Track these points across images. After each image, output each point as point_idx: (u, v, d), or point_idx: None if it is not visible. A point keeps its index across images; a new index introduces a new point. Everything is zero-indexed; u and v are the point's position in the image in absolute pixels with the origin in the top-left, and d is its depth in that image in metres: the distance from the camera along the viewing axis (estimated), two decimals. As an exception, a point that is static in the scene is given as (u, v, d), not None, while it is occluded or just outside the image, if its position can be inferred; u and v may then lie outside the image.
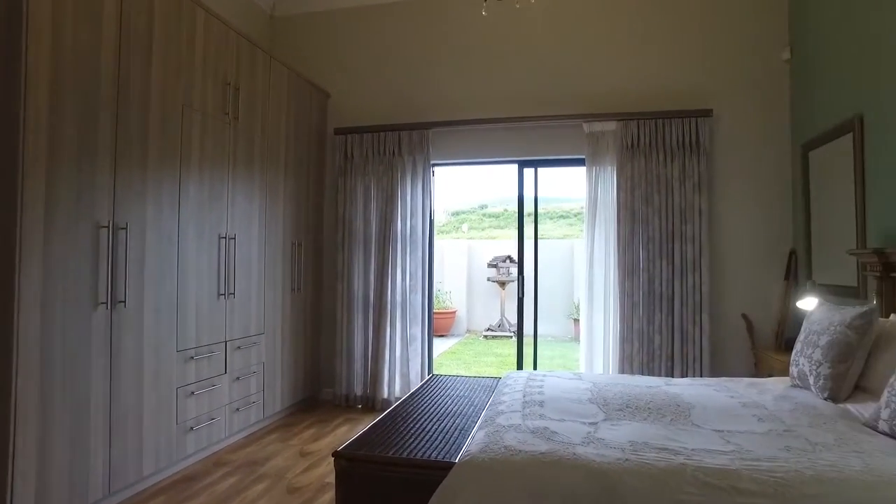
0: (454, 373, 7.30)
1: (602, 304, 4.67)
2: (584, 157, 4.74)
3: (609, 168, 4.70)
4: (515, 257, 10.63)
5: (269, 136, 4.30)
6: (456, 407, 2.99)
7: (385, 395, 4.85)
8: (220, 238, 3.69)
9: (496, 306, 10.54)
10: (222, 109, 3.70)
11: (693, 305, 4.40)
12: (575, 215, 14.33)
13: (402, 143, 4.98)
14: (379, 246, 4.99)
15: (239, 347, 3.89)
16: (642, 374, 4.45)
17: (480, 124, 4.90)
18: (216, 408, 3.64)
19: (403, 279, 4.90)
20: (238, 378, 3.89)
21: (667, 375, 4.42)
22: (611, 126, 4.66)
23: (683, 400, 2.68)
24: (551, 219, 14.40)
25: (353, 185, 5.07)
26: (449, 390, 3.41)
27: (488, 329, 10.33)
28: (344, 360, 5.00)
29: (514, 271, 10.54)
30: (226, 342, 3.75)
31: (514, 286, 10.75)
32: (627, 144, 4.59)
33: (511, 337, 10.09)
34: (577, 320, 9.94)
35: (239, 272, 3.88)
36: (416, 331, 4.91)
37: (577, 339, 10.21)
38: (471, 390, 3.42)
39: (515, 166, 5.07)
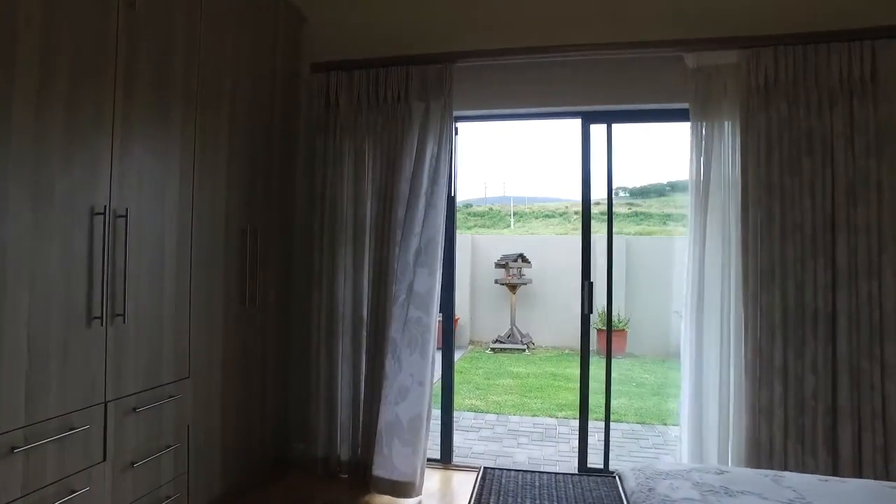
0: (466, 404, 5.66)
1: (717, 329, 3.07)
2: (685, 105, 3.15)
3: (728, 122, 3.11)
4: (540, 255, 8.95)
5: (204, 61, 2.63)
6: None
7: (384, 466, 3.18)
8: (93, 214, 2.02)
9: (505, 313, 8.94)
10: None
11: (870, 329, 2.83)
12: (561, 214, 13.48)
13: (412, 85, 3.33)
14: (376, 237, 3.34)
15: (136, 409, 2.22)
16: (792, 437, 2.86)
17: (526, 56, 3.27)
18: (84, 527, 1.97)
19: (412, 289, 3.25)
20: (135, 464, 2.21)
21: (831, 441, 2.84)
22: (730, 58, 3.07)
23: None
24: (537, 218, 13.63)
25: (339, 146, 3.41)
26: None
27: (496, 340, 8.73)
28: (323, 408, 3.33)
29: (526, 272, 8.96)
30: (105, 404, 2.08)
31: (526, 290, 9.15)
32: (759, 85, 3.00)
33: (524, 350, 8.50)
34: (600, 330, 8.41)
35: (135, 276, 2.21)
36: (425, 365, 3.25)
37: (600, 352, 8.73)
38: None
39: (578, 122, 3.45)
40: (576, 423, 5.16)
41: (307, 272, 3.43)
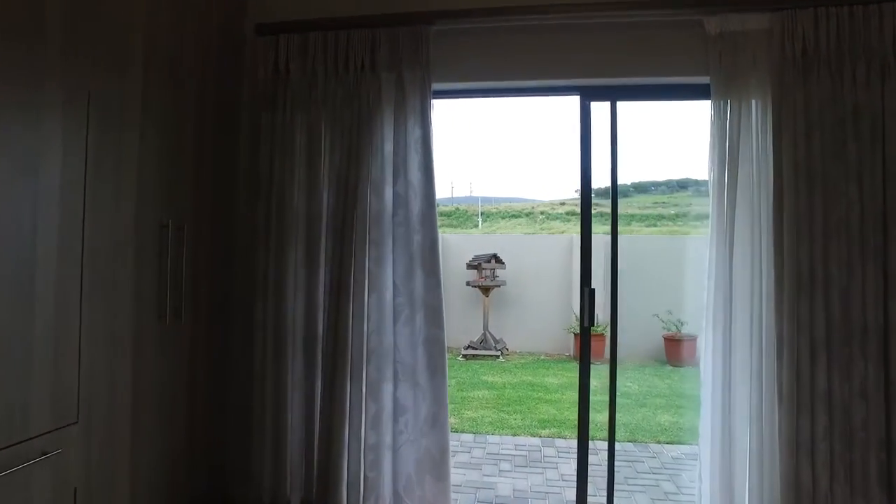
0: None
1: (746, 346, 2.57)
2: (706, 80, 2.64)
3: (757, 99, 2.61)
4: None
5: (92, 8, 1.98)
6: None
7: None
8: None
9: (477, 317, 8.41)
10: None
11: (930, 348, 2.37)
12: (527, 215, 13.36)
13: (380, 50, 2.73)
14: (335, 236, 2.73)
15: (-13, 477, 1.57)
16: (840, 477, 2.38)
17: (522, 17, 2.71)
18: None
19: (382, 298, 2.66)
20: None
21: (886, 480, 2.37)
22: (760, 22, 2.58)
23: None
24: (503, 218, 13.48)
25: (290, 123, 2.79)
26: None
27: (469, 347, 8.20)
28: (269, 445, 2.70)
29: (500, 274, 8.44)
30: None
31: (499, 293, 8.63)
32: (795, 54, 2.51)
33: (498, 357, 7.98)
34: (577, 335, 7.96)
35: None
36: (408, 394, 2.67)
37: (576, 357, 8.27)
38: None
39: (576, 99, 2.91)
40: (562, 444, 4.67)
41: (248, 279, 2.79)
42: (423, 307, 2.69)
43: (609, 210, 3.02)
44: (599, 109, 2.93)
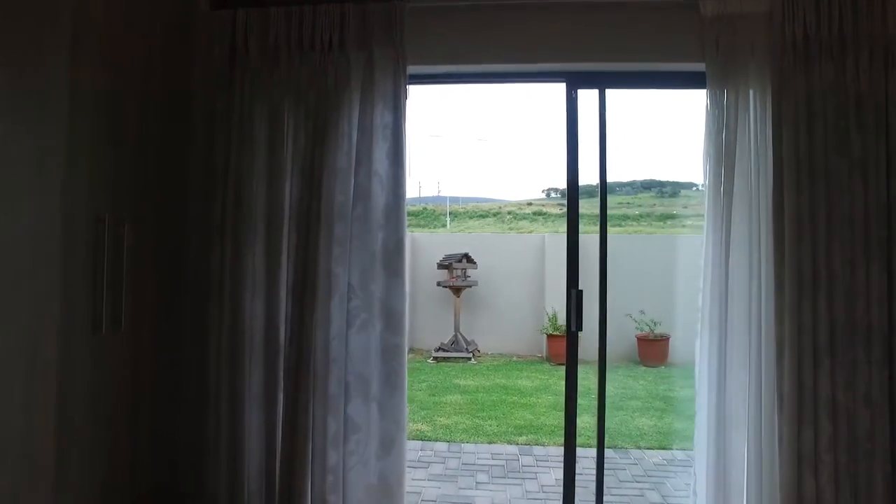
0: (411, 430, 4.81)
1: (745, 350, 2.40)
2: (700, 67, 2.47)
3: (755, 87, 2.45)
4: (484, 253, 8.26)
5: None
6: None
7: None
8: None
9: (448, 318, 8.17)
10: None
11: (938, 352, 2.23)
12: (494, 214, 13.36)
13: (349, 27, 2.47)
14: (299, 232, 2.46)
15: None
16: (845, 491, 2.22)
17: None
18: None
19: (344, 301, 2.40)
20: None
21: (893, 494, 2.22)
22: (759, 4, 2.42)
23: None
24: (471, 217, 13.44)
25: (248, 107, 2.50)
26: None
27: (439, 348, 7.95)
28: (224, 469, 2.40)
29: (471, 274, 8.23)
30: None
31: (471, 293, 8.42)
32: (796, 39, 2.36)
33: (470, 359, 7.76)
34: (550, 336, 7.82)
35: None
36: (361, 410, 2.40)
37: (548, 358, 8.13)
38: None
39: (562, 87, 2.70)
40: (541, 452, 4.47)
41: (203, 281, 2.49)
42: (384, 312, 2.43)
43: (587, 210, 2.81)
44: (585, 98, 2.73)
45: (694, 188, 11.45)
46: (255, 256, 2.45)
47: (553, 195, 13.91)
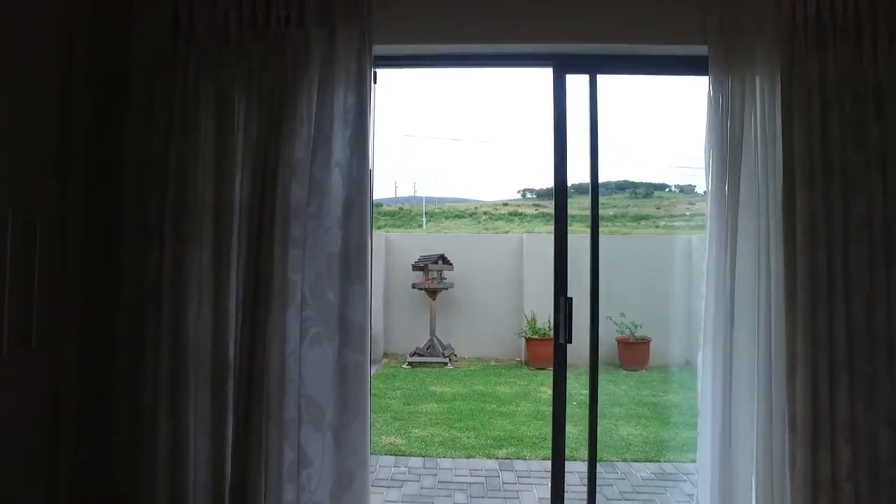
0: (383, 444, 4.51)
1: (752, 365, 2.16)
2: (702, 51, 2.23)
3: (763, 73, 2.21)
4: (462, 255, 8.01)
5: None
6: None
7: None
8: None
9: (423, 321, 7.88)
10: None
11: (965, 366, 2.02)
12: (470, 215, 13.30)
13: (309, 0, 2.16)
14: (249, 235, 2.14)
15: None
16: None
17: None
18: None
19: (301, 311, 2.10)
20: None
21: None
22: (765, -19, 2.18)
23: None
24: (447, 218, 13.37)
25: (193, 90, 2.16)
26: None
27: (414, 353, 7.66)
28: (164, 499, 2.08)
29: (448, 276, 7.95)
30: None
31: (447, 295, 8.14)
32: (807, 18, 2.12)
33: (446, 364, 7.48)
34: (529, 339, 7.59)
35: None
36: (314, 440, 2.08)
37: (527, 363, 7.89)
38: None
39: (549, 72, 2.44)
40: (522, 467, 4.20)
41: (139, 287, 2.15)
42: (342, 325, 2.12)
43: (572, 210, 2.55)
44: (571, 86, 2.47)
45: (667, 189, 11.44)
46: (200, 261, 2.12)
47: (529, 195, 14.05)
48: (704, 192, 2.33)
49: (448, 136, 16.77)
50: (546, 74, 2.45)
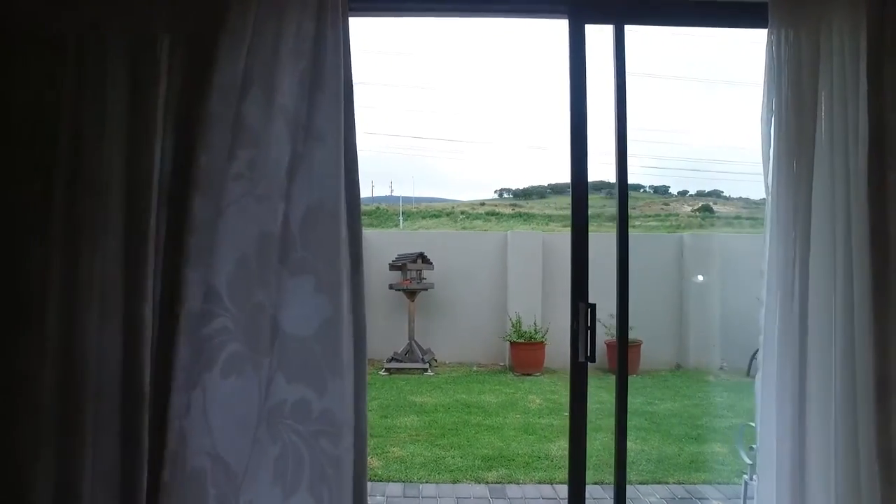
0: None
1: (829, 390, 1.70)
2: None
3: (841, 23, 1.73)
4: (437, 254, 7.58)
5: None
6: None
7: None
8: None
9: (402, 324, 7.37)
10: None
11: None
12: (447, 214, 13.29)
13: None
14: (170, 219, 1.59)
15: None
16: None
17: None
18: None
19: (274, 327, 1.55)
20: None
21: None
22: None
23: None
24: (424, 217, 13.34)
25: (100, 36, 1.61)
26: None
27: (392, 359, 7.14)
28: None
29: (427, 276, 7.45)
30: None
31: (426, 297, 7.63)
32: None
33: (426, 370, 6.98)
34: (514, 343, 7.14)
35: None
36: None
37: (512, 368, 7.42)
38: None
39: (562, 24, 1.94)
40: (516, 493, 3.68)
41: (15, 297, 1.58)
42: (284, 343, 1.59)
43: (554, 210, 2.08)
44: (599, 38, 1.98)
45: (642, 189, 11.31)
46: (104, 258, 1.57)
47: (506, 195, 14.21)
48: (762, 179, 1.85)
49: (428, 135, 16.29)
50: (559, 27, 1.96)
